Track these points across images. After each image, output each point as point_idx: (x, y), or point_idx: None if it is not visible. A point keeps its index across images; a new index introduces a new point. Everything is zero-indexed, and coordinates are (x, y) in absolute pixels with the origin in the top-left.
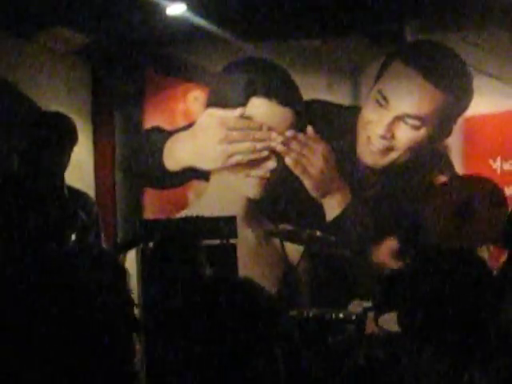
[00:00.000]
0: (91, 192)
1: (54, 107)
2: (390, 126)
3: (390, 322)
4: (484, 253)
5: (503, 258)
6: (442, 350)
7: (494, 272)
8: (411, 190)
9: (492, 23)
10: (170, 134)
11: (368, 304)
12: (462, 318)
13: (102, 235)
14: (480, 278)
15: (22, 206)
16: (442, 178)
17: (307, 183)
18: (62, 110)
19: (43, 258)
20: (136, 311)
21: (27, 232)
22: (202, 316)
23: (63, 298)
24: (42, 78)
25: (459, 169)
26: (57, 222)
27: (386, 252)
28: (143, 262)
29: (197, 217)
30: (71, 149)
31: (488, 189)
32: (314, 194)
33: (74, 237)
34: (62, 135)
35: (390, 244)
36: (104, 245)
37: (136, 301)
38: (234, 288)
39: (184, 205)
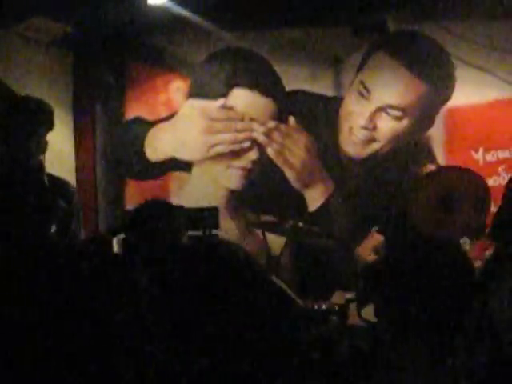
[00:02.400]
0: (72, 182)
1: None
2: (372, 117)
3: (373, 313)
4: (466, 245)
5: (484, 251)
6: (423, 341)
7: (478, 264)
8: (393, 181)
9: (474, 13)
10: (152, 124)
11: (350, 295)
12: (442, 309)
13: (82, 225)
14: (462, 269)
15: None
16: (430, 168)
17: (289, 174)
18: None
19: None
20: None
21: (5, 220)
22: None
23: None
24: (22, 68)
25: (441, 160)
26: (36, 210)
27: (369, 245)
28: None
29: (178, 207)
30: (46, 132)
31: (472, 180)
32: (296, 184)
33: (54, 226)
34: (35, 117)
35: (374, 237)
36: (84, 235)
37: None
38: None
39: (166, 196)
